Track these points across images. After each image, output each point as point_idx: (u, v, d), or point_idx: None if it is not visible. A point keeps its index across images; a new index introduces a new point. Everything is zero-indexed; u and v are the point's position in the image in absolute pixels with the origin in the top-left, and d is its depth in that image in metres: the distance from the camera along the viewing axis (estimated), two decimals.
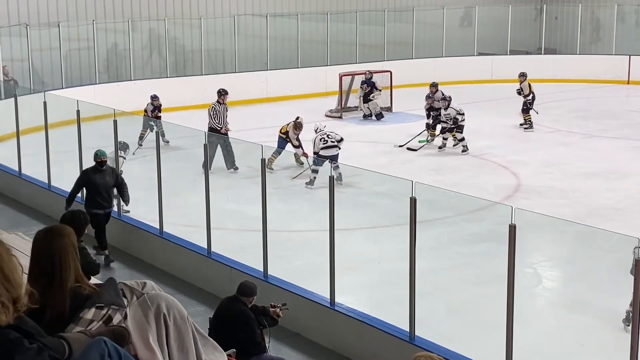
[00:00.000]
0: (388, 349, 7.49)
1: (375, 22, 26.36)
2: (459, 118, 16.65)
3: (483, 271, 9.85)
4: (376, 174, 10.76)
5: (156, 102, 16.90)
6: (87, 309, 3.21)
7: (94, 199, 10.33)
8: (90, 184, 10.42)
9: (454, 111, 16.73)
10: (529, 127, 18.70)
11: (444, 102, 17.05)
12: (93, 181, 10.36)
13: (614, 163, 15.57)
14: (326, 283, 8.12)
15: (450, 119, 16.73)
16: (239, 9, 24.36)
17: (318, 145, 13.94)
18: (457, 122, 16.65)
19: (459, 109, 16.79)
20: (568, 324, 8.74)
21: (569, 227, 9.76)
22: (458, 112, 16.70)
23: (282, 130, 15.16)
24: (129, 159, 12.83)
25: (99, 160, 10.38)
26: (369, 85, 20.37)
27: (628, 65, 25.94)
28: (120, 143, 12.18)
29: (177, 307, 3.52)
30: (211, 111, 15.18)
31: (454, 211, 11.72)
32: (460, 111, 16.74)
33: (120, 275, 9.54)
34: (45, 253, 3.37)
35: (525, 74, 19.18)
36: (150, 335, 3.38)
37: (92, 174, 10.42)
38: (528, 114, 18.83)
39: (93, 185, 10.37)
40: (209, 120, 15.07)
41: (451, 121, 16.71)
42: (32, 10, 20.92)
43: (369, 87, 20.36)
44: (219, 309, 6.95)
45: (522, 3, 29.22)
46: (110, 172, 10.52)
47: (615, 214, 12.27)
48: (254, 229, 8.93)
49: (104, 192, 10.38)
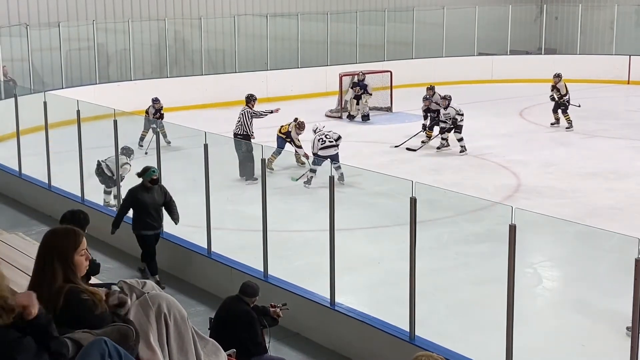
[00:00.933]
0: (388, 349, 7.49)
1: (375, 22, 26.36)
2: (458, 118, 16.65)
3: (483, 271, 9.85)
4: (376, 174, 10.77)
5: (157, 105, 16.88)
6: None
7: (143, 220, 9.59)
8: (138, 204, 9.62)
9: (453, 111, 16.73)
10: (570, 126, 18.70)
11: (444, 101, 17.03)
12: (141, 200, 9.58)
13: (614, 163, 15.57)
14: (326, 283, 8.11)
15: (450, 118, 16.73)
16: (239, 9, 24.36)
17: (317, 145, 13.99)
18: (456, 122, 16.65)
19: (458, 109, 16.79)
20: (568, 324, 8.74)
21: (569, 227, 9.76)
22: (457, 112, 16.70)
23: (281, 130, 15.14)
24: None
25: (151, 178, 9.55)
26: (362, 88, 20.27)
27: (628, 65, 25.94)
28: (124, 149, 12.15)
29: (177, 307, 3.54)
30: (247, 116, 15.00)
31: (454, 211, 11.71)
32: (459, 111, 16.74)
33: (121, 276, 9.54)
34: (38, 253, 3.43)
35: (560, 74, 19.15)
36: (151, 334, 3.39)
37: (140, 193, 9.61)
38: (567, 113, 18.83)
39: (142, 205, 9.58)
40: (243, 125, 14.89)
41: (450, 121, 16.72)
42: (32, 10, 20.92)
43: (362, 90, 20.26)
44: (222, 309, 6.94)
45: (522, 3, 29.22)
46: (159, 191, 9.71)
47: (615, 214, 12.26)
48: (254, 229, 8.93)
49: (153, 212, 9.63)
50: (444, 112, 16.94)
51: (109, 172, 12.04)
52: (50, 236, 3.46)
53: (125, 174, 11.93)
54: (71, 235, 3.45)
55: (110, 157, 11.79)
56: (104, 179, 12.24)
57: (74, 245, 3.40)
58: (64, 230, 3.50)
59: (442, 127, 17.02)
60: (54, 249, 3.39)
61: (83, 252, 3.41)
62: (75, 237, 3.44)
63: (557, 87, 19.09)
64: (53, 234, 3.47)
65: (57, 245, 3.40)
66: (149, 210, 9.59)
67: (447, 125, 16.82)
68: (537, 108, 21.69)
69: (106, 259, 10.23)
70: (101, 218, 11.05)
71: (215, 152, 9.81)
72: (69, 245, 3.39)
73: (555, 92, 19.14)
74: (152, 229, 9.65)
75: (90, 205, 11.39)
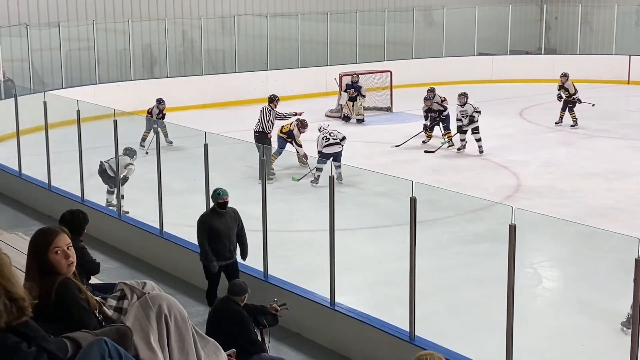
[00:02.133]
0: (388, 349, 7.49)
1: (375, 22, 26.35)
2: (475, 116, 16.37)
3: (483, 271, 9.84)
4: (376, 174, 10.77)
5: (162, 106, 16.84)
6: None
7: (214, 249, 8.54)
8: (210, 231, 8.53)
9: (471, 108, 16.42)
10: (575, 124, 18.86)
11: (462, 97, 16.58)
12: (214, 227, 8.51)
13: (614, 163, 15.57)
14: (326, 283, 8.11)
15: (467, 116, 16.37)
16: (239, 9, 24.36)
17: (321, 143, 14.03)
18: (473, 119, 16.37)
19: (476, 106, 16.54)
20: (568, 324, 8.74)
21: (569, 227, 9.76)
22: (475, 110, 16.43)
23: (282, 130, 15.13)
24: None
25: (221, 201, 8.54)
26: (356, 90, 20.21)
27: (628, 65, 25.94)
28: (127, 150, 12.13)
29: (178, 307, 3.54)
30: (265, 114, 14.94)
31: (454, 211, 11.72)
32: (477, 108, 16.47)
33: (121, 275, 9.54)
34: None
35: (567, 74, 19.20)
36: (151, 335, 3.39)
37: (212, 219, 8.56)
38: (573, 111, 18.97)
39: (214, 232, 8.51)
40: (261, 122, 14.82)
41: (467, 119, 16.42)
42: (32, 10, 20.92)
43: (356, 92, 20.20)
44: (212, 311, 6.97)
45: (522, 3, 29.22)
46: (232, 215, 8.62)
47: (615, 214, 12.26)
48: (254, 229, 8.93)
49: (226, 240, 8.57)
50: (461, 110, 16.53)
51: (112, 172, 12.03)
52: (32, 236, 3.55)
53: (130, 175, 11.93)
54: (46, 234, 3.49)
55: (113, 158, 11.77)
56: (106, 179, 12.24)
57: (47, 243, 3.42)
58: (40, 230, 3.58)
59: (458, 126, 16.68)
60: (30, 247, 3.49)
61: (58, 250, 3.42)
62: (48, 236, 3.47)
63: (564, 86, 19.15)
64: (34, 233, 3.55)
65: (32, 244, 3.50)
66: (221, 238, 8.52)
67: (462, 122, 16.53)
68: (537, 108, 21.71)
69: (106, 259, 10.22)
70: (101, 218, 11.07)
71: (215, 152, 9.81)
72: (42, 244, 3.44)
73: (562, 91, 19.20)
74: (224, 259, 8.59)
75: (90, 205, 11.39)
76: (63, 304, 3.33)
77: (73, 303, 3.36)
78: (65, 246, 3.45)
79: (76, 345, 3.04)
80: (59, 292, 3.36)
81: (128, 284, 3.63)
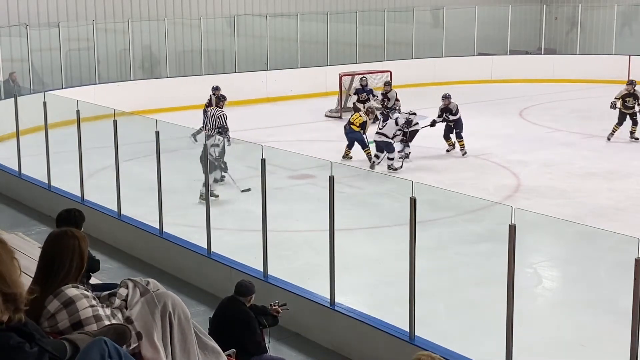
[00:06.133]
0: (388, 349, 7.49)
1: (375, 22, 26.36)
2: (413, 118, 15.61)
3: (483, 271, 9.84)
4: (376, 173, 10.77)
5: (218, 92, 16.30)
6: None
7: None
8: None
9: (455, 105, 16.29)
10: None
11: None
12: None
13: (614, 163, 15.57)
14: (326, 283, 8.11)
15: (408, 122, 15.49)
16: (239, 9, 24.36)
17: (401, 122, 15.04)
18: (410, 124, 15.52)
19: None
20: (568, 324, 8.74)
21: (569, 227, 9.75)
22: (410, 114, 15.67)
23: (356, 123, 15.22)
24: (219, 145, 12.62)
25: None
26: (368, 93, 19.97)
27: (628, 65, 25.93)
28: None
29: (182, 307, 3.55)
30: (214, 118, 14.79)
31: (454, 211, 11.72)
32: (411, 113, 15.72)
33: (121, 275, 9.52)
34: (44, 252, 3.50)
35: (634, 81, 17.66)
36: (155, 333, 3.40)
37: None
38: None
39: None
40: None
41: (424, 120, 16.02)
42: (32, 10, 20.92)
43: (367, 95, 19.97)
44: (219, 310, 6.94)
45: (522, 3, 29.22)
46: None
47: (615, 214, 12.26)
48: (254, 229, 8.93)
49: None
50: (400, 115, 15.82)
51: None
52: (76, 236, 3.59)
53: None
54: (81, 240, 3.57)
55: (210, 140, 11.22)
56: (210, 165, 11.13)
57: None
58: (80, 231, 3.68)
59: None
60: (78, 248, 3.55)
61: None
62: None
63: (635, 94, 17.43)
64: (74, 233, 3.60)
65: (81, 245, 3.56)
66: None
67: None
68: (537, 108, 21.71)
69: (106, 259, 10.22)
70: (101, 218, 11.07)
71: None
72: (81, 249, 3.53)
73: (630, 100, 17.51)
74: None
75: (90, 205, 11.39)
76: None
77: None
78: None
79: (74, 347, 3.04)
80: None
81: (132, 279, 3.66)
